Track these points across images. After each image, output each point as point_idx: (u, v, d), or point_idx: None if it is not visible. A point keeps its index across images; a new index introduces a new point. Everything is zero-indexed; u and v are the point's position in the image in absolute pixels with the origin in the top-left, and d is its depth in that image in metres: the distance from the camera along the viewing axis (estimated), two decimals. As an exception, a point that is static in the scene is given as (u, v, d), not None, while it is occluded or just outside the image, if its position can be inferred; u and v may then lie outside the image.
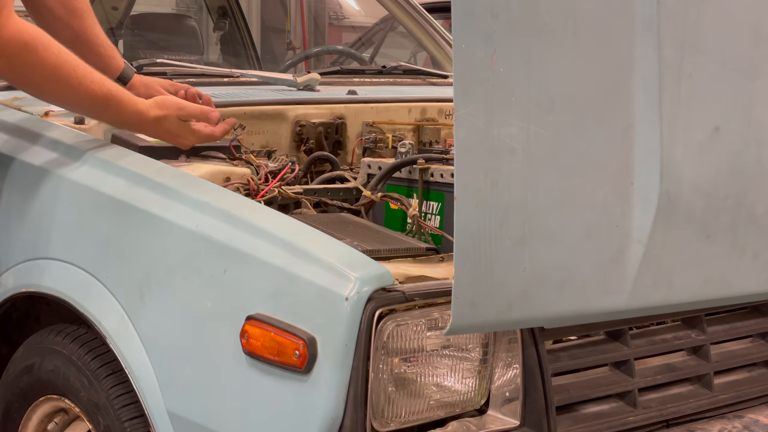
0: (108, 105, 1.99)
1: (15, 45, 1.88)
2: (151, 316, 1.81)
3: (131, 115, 2.02)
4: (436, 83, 3.11)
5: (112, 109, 2.00)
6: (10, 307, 2.10)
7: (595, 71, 1.63)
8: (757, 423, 1.94)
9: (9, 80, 2.02)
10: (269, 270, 1.67)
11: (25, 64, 1.90)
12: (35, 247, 2.03)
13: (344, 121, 2.52)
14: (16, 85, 2.03)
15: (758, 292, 1.92)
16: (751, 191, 1.81)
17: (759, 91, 1.79)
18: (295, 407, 1.62)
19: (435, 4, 4.03)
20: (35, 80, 1.95)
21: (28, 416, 2.08)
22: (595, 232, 1.65)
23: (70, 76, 1.94)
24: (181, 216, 1.81)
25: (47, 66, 1.92)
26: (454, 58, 1.50)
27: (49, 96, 2.02)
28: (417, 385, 1.67)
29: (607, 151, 1.65)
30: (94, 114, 2.09)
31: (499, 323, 1.64)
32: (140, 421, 1.84)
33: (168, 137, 2.07)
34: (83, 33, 2.29)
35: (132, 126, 2.06)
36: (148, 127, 2.05)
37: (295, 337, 1.60)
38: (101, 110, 2.01)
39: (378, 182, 2.16)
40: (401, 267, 1.75)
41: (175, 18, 4.01)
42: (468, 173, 1.52)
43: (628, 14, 1.64)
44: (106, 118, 2.06)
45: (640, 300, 1.72)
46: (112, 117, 2.04)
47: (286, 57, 4.36)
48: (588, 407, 1.82)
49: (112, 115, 2.02)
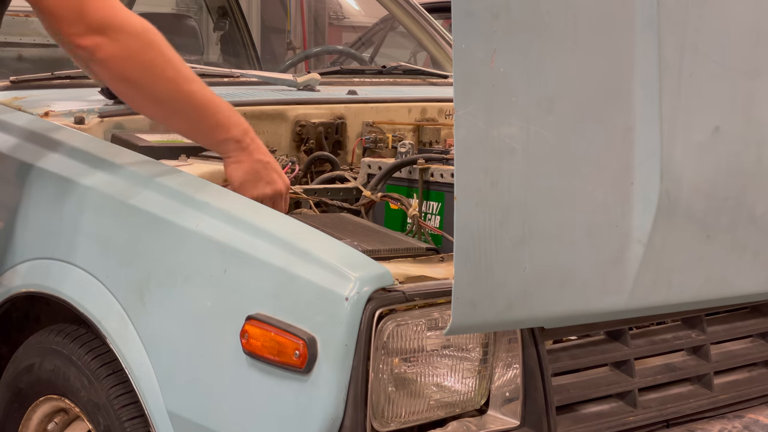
0: (220, 108, 1.92)
1: (138, 29, 1.84)
2: (151, 316, 1.81)
3: (243, 127, 1.93)
4: (436, 83, 3.11)
5: (222, 114, 1.92)
6: (10, 307, 2.10)
7: (595, 71, 1.63)
8: (757, 423, 1.94)
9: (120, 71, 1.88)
10: (269, 270, 1.67)
11: (142, 52, 1.85)
12: (35, 247, 2.03)
13: (344, 121, 2.52)
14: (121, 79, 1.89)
15: (758, 292, 1.92)
16: (751, 191, 1.81)
17: (759, 91, 1.79)
18: (295, 407, 1.62)
19: (435, 4, 4.03)
20: (148, 75, 1.87)
21: (28, 416, 2.08)
22: (595, 232, 1.65)
23: (187, 72, 1.89)
24: (182, 216, 1.81)
25: (168, 58, 1.87)
26: (454, 58, 1.50)
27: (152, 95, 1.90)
28: (417, 385, 1.67)
29: (607, 151, 1.65)
30: (197, 116, 1.93)
31: (499, 323, 1.64)
32: (140, 421, 1.84)
33: (263, 177, 1.94)
34: None
35: (238, 140, 1.93)
36: (256, 149, 1.94)
37: (295, 337, 1.60)
38: (211, 113, 1.92)
39: (378, 182, 2.16)
40: (401, 267, 1.75)
41: (175, 18, 4.01)
42: (468, 173, 1.52)
43: (628, 14, 1.64)
44: (212, 124, 1.93)
45: (640, 300, 1.72)
46: (219, 124, 1.92)
47: (286, 57, 4.37)
48: (588, 407, 1.82)
49: (221, 120, 1.92)
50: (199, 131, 1.97)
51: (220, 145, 1.95)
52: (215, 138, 1.95)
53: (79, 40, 1.83)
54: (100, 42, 1.83)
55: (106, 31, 1.83)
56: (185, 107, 1.92)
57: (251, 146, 1.94)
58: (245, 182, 1.93)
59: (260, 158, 1.95)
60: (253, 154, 1.94)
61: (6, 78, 2.46)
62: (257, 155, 1.95)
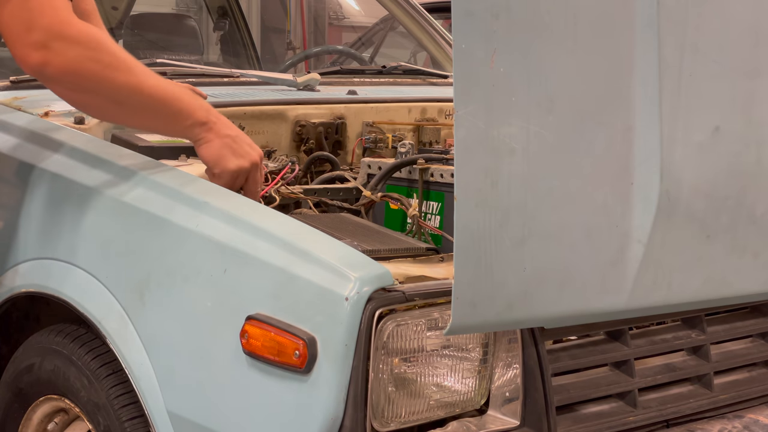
0: (180, 96, 1.91)
1: (85, 36, 1.82)
2: (151, 316, 1.81)
3: (205, 108, 1.92)
4: (436, 83, 3.11)
5: (182, 102, 1.91)
6: (10, 307, 2.10)
7: (595, 71, 1.63)
8: (757, 423, 1.94)
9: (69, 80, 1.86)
10: (269, 270, 1.67)
11: (92, 58, 1.83)
12: (35, 248, 2.03)
13: (344, 121, 2.52)
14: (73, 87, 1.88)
15: (758, 292, 1.92)
16: (751, 191, 1.81)
17: (759, 91, 1.79)
18: (295, 407, 1.62)
19: (435, 4, 4.03)
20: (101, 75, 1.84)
21: (28, 416, 2.08)
22: (595, 232, 1.65)
23: (141, 69, 1.88)
24: (181, 216, 1.81)
25: (119, 58, 1.85)
26: (454, 58, 1.50)
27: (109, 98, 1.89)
28: (417, 385, 1.67)
29: (607, 151, 1.65)
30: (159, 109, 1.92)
31: (499, 323, 1.64)
32: (140, 421, 1.84)
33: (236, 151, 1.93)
34: None
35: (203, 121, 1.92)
36: (222, 125, 1.93)
37: (295, 337, 1.60)
38: (172, 103, 1.91)
39: (378, 182, 2.16)
40: (401, 267, 1.75)
41: (175, 18, 4.01)
42: (468, 173, 1.52)
43: (629, 14, 1.64)
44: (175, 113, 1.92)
45: (640, 300, 1.72)
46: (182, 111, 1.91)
47: (286, 57, 4.36)
48: (588, 407, 1.82)
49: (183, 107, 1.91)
50: (164, 123, 1.96)
51: (186, 132, 1.94)
52: (181, 125, 1.94)
53: (28, 59, 1.82)
54: (46, 57, 1.81)
55: (50, 45, 1.80)
56: (144, 103, 1.90)
57: (217, 124, 1.93)
58: (220, 159, 1.92)
59: (228, 133, 1.93)
60: (220, 131, 1.93)
61: (6, 78, 2.46)
62: (225, 131, 1.93)
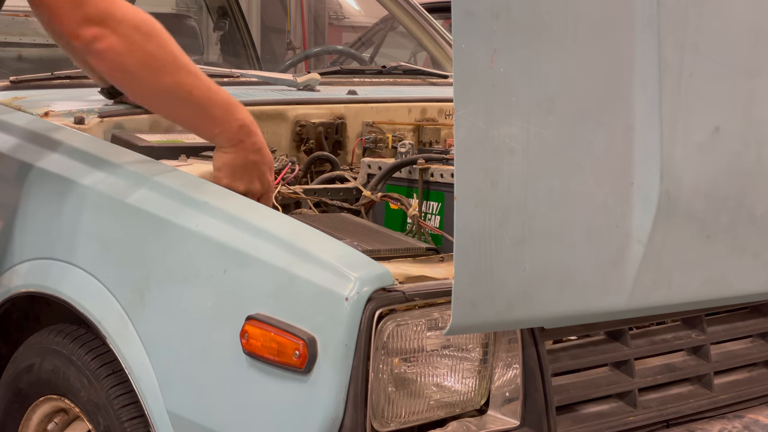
0: (218, 103, 1.90)
1: (139, 20, 1.82)
2: (151, 316, 1.81)
3: (239, 123, 1.91)
4: (436, 83, 3.11)
5: (219, 109, 1.90)
6: (10, 307, 2.10)
7: (595, 71, 1.63)
8: (757, 423, 1.94)
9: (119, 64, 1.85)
10: (269, 270, 1.67)
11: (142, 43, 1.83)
12: (35, 248, 2.03)
13: (344, 121, 2.52)
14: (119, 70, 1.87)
15: (758, 292, 1.92)
16: (751, 191, 1.81)
17: (759, 91, 1.79)
18: (295, 407, 1.62)
19: (435, 4, 4.03)
20: (147, 62, 1.84)
21: (28, 416, 2.08)
22: (595, 232, 1.65)
23: (187, 65, 1.87)
24: (181, 216, 1.81)
25: (166, 49, 1.85)
26: (454, 58, 1.49)
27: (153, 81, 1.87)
28: (417, 385, 1.67)
29: (607, 151, 1.65)
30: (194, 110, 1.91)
31: (499, 323, 1.64)
32: (140, 421, 1.84)
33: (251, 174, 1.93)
34: None
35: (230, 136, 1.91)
36: (248, 146, 1.92)
37: (295, 337, 1.60)
38: (207, 107, 1.90)
39: (378, 182, 2.16)
40: (401, 267, 1.75)
41: (175, 18, 4.01)
42: (468, 173, 1.52)
43: (629, 14, 1.64)
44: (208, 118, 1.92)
45: (640, 300, 1.72)
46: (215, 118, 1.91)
47: (286, 57, 4.37)
48: (588, 407, 1.82)
49: (217, 115, 1.90)
50: (195, 124, 1.96)
51: (214, 138, 1.95)
52: (210, 132, 1.94)
53: (78, 30, 1.81)
54: (99, 33, 1.81)
55: (105, 22, 1.81)
56: (181, 100, 1.90)
57: (245, 143, 1.93)
58: (234, 176, 1.92)
59: (251, 156, 1.93)
60: (243, 150, 1.93)
61: (6, 78, 2.46)
62: (249, 151, 1.93)
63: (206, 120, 1.92)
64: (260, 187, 1.94)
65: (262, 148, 1.95)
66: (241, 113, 1.94)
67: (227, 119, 1.92)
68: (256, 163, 1.94)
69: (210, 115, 1.92)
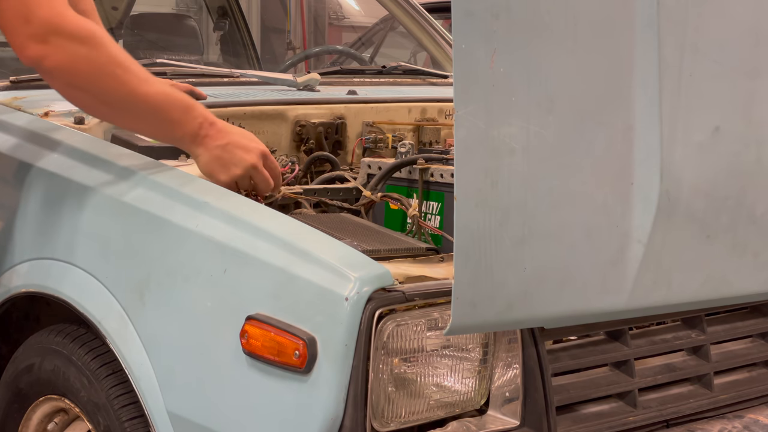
0: (174, 106, 1.89)
1: (84, 33, 1.81)
2: (151, 316, 1.81)
3: (198, 120, 1.90)
4: (436, 83, 3.11)
5: (176, 111, 1.89)
6: (10, 307, 2.10)
7: (595, 71, 1.63)
8: (757, 423, 1.94)
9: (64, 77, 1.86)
10: (269, 270, 1.67)
11: (90, 57, 1.82)
12: (35, 248, 2.03)
13: (344, 121, 2.52)
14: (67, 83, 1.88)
15: (758, 292, 1.92)
16: (751, 191, 1.81)
17: (759, 91, 1.79)
18: (295, 407, 1.62)
19: (435, 4, 4.03)
20: (96, 77, 1.84)
21: (28, 416, 2.08)
22: (595, 232, 1.65)
23: (138, 72, 1.86)
24: (181, 216, 1.81)
25: (115, 59, 1.83)
26: (454, 58, 1.49)
27: (107, 94, 1.87)
28: (417, 385, 1.67)
29: (607, 151, 1.65)
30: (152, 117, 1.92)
31: (499, 323, 1.64)
32: (140, 421, 1.84)
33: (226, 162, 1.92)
34: None
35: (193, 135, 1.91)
36: (212, 138, 1.91)
37: (295, 337, 1.60)
38: (164, 112, 1.89)
39: (378, 182, 2.16)
40: (401, 267, 1.75)
41: (175, 18, 4.01)
42: (468, 173, 1.52)
43: (629, 14, 1.64)
44: (167, 122, 1.91)
45: (640, 300, 1.72)
46: (174, 121, 1.90)
47: (286, 57, 4.37)
48: (588, 407, 1.82)
49: (175, 117, 1.90)
50: (156, 130, 1.96)
51: (178, 142, 1.95)
52: (172, 136, 1.93)
53: (25, 49, 1.81)
54: (45, 51, 1.80)
55: (49, 40, 1.80)
56: (138, 108, 1.89)
57: (207, 137, 1.91)
58: (212, 174, 1.92)
59: (218, 144, 1.91)
60: (210, 144, 1.91)
61: (6, 78, 2.46)
62: (215, 143, 1.91)
63: (166, 125, 1.92)
64: (241, 171, 1.92)
65: (224, 131, 1.93)
66: (198, 109, 1.93)
67: (186, 120, 1.91)
68: (227, 147, 1.92)
69: (169, 119, 1.91)
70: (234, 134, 1.95)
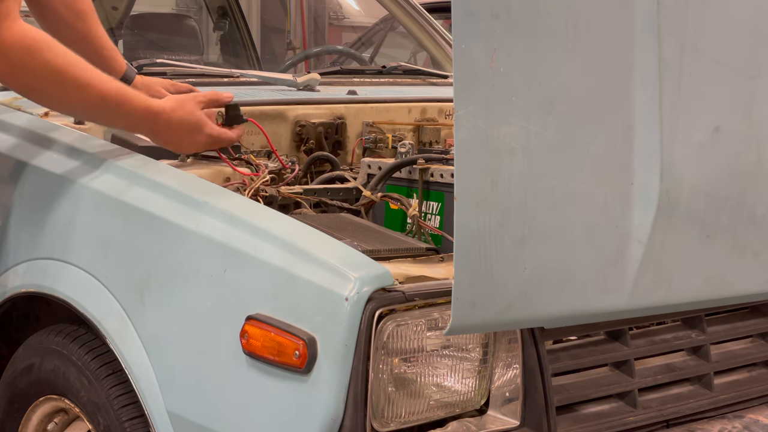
0: (118, 105, 1.94)
1: (18, 49, 1.85)
2: (151, 316, 1.81)
3: (144, 114, 1.96)
4: (436, 83, 3.11)
5: (122, 110, 1.95)
6: (10, 307, 2.10)
7: (595, 71, 1.63)
8: (757, 423, 1.94)
9: (12, 86, 1.96)
10: (269, 270, 1.67)
11: (29, 68, 1.87)
12: (35, 248, 2.03)
13: (344, 121, 2.52)
14: (20, 92, 1.98)
15: (758, 292, 1.92)
16: (751, 191, 1.81)
17: (759, 91, 1.79)
18: (295, 407, 1.62)
19: (435, 4, 4.03)
20: (40, 85, 1.90)
21: (28, 416, 2.08)
22: (595, 232, 1.65)
23: (77, 78, 1.90)
24: (181, 216, 1.81)
25: (53, 68, 1.88)
26: (454, 58, 1.50)
27: (55, 100, 1.96)
28: (417, 385, 1.67)
29: (607, 151, 1.65)
30: (102, 117, 2.02)
31: (499, 323, 1.64)
32: (140, 421, 1.84)
33: (180, 136, 2.00)
34: (87, 35, 2.28)
35: (143, 126, 2.00)
36: (161, 124, 1.98)
37: (295, 337, 1.60)
38: (111, 112, 1.96)
39: (378, 182, 2.16)
40: (401, 267, 1.75)
41: (175, 18, 4.01)
42: (468, 173, 1.52)
43: (628, 14, 1.64)
44: (116, 119, 2.00)
45: (640, 300, 1.72)
46: (122, 118, 1.98)
47: (286, 57, 4.36)
48: (588, 407, 1.82)
49: (123, 115, 1.97)
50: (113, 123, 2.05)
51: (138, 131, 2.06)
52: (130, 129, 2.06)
53: None
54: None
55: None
56: (85, 111, 2.01)
57: (161, 133, 2.01)
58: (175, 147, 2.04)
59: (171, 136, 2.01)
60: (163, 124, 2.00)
61: (5, 78, 2.46)
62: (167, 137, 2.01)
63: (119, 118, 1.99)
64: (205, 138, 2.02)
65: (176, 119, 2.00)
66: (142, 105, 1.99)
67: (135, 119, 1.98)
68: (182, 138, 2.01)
69: (112, 120, 2.02)
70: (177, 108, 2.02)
